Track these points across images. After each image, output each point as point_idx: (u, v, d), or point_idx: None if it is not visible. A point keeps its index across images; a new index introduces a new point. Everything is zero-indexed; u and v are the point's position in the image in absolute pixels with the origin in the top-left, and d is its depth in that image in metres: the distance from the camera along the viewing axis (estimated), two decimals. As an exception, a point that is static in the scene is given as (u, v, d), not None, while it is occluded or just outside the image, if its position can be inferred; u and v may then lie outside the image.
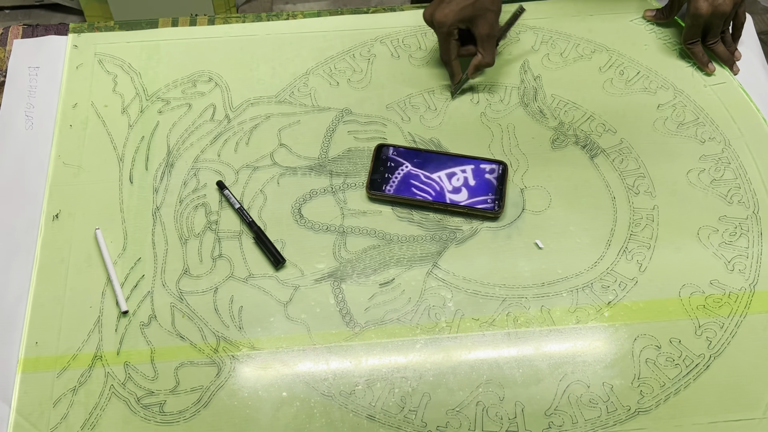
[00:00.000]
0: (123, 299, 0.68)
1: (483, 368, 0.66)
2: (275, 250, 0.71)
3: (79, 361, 0.66)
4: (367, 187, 0.74)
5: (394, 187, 0.74)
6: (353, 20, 0.89)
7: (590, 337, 0.67)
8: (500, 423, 0.63)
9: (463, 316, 0.68)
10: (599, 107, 0.82)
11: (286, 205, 0.75)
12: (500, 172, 0.75)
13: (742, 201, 0.75)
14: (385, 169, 0.75)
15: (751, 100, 0.83)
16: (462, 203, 0.73)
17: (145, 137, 0.79)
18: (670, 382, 0.65)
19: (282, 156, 0.78)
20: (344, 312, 0.69)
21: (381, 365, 0.66)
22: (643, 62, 0.86)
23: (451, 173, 0.75)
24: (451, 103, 0.82)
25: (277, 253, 0.70)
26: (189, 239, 0.73)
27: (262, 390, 0.65)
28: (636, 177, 0.77)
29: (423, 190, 0.74)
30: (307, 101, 0.82)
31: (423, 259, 0.72)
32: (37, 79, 0.84)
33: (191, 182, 0.76)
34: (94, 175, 0.77)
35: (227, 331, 0.68)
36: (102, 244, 0.71)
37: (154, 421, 0.63)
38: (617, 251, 0.72)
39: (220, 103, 0.82)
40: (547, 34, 0.88)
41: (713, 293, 0.70)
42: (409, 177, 0.74)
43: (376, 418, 0.64)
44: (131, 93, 0.82)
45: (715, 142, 0.79)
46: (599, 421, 0.63)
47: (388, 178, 0.74)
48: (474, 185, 0.74)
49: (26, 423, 0.63)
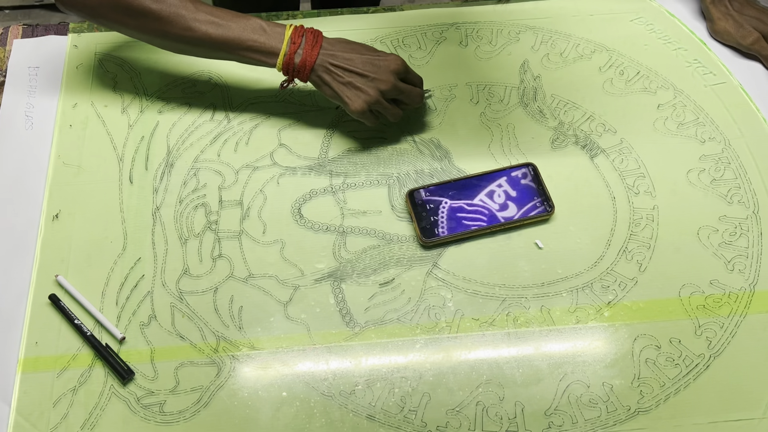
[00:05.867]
0: (115, 329, 0.67)
1: (483, 368, 0.66)
2: (118, 365, 0.65)
3: (79, 361, 0.66)
4: (420, 237, 0.71)
5: (445, 227, 0.72)
6: (353, 20, 0.89)
7: (590, 337, 0.67)
8: (500, 423, 0.63)
9: (463, 316, 0.68)
10: (599, 107, 0.82)
11: (286, 205, 0.75)
12: (533, 174, 0.75)
13: (742, 201, 0.75)
14: (427, 213, 0.73)
15: (751, 100, 0.83)
16: (516, 217, 0.72)
17: (145, 137, 0.79)
18: (670, 382, 0.65)
19: (282, 156, 0.78)
20: (344, 312, 0.69)
21: (381, 365, 0.66)
22: (643, 62, 0.86)
23: (490, 192, 0.74)
24: (451, 103, 0.82)
25: (120, 368, 0.65)
26: (189, 239, 0.73)
27: (262, 390, 0.65)
28: (636, 177, 0.77)
29: (473, 219, 0.72)
30: (307, 101, 0.82)
31: (423, 259, 0.72)
32: (37, 79, 0.84)
33: (191, 182, 0.76)
34: (94, 175, 0.77)
35: (227, 331, 0.68)
36: (70, 287, 0.69)
37: (154, 421, 0.63)
38: (617, 251, 0.72)
39: (220, 103, 0.82)
40: (547, 34, 0.88)
41: (713, 293, 0.70)
42: (453, 212, 0.73)
43: (376, 418, 0.64)
44: (131, 93, 0.82)
45: (715, 142, 0.79)
46: (599, 421, 0.63)
47: (435, 221, 0.72)
48: (516, 195, 0.74)
49: (26, 423, 0.63)
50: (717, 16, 0.87)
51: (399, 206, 0.75)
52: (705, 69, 0.85)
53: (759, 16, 0.86)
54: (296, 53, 0.71)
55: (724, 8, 0.87)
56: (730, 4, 0.87)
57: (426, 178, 0.77)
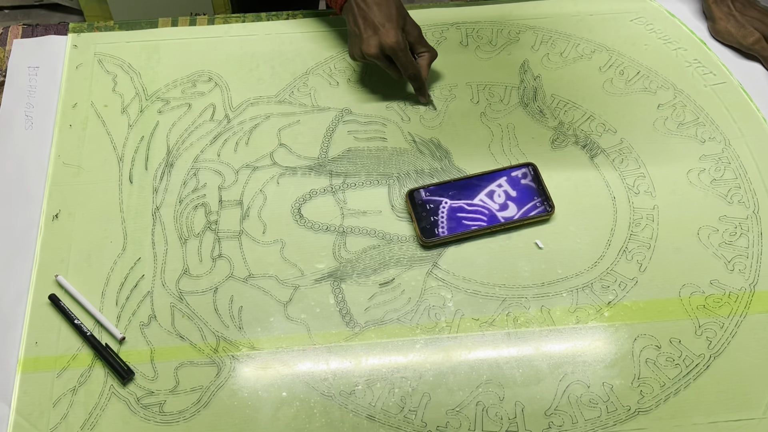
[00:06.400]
0: (115, 329, 0.67)
1: (483, 368, 0.66)
2: (118, 365, 0.65)
3: (79, 361, 0.66)
4: (420, 237, 0.71)
5: (445, 227, 0.72)
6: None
7: (590, 337, 0.67)
8: (500, 423, 0.63)
9: (463, 316, 0.68)
10: (599, 107, 0.82)
11: (286, 205, 0.75)
12: (533, 173, 0.75)
13: (742, 201, 0.75)
14: (427, 213, 0.73)
15: (751, 100, 0.83)
16: (516, 217, 0.72)
17: (145, 137, 0.79)
18: (670, 382, 0.65)
19: (282, 156, 0.78)
20: (344, 312, 0.69)
21: (381, 365, 0.66)
22: (643, 62, 0.86)
23: (490, 192, 0.74)
24: (451, 102, 0.82)
25: (120, 368, 0.65)
26: (189, 239, 0.73)
27: (262, 390, 0.65)
28: (636, 177, 0.77)
29: (473, 219, 0.72)
30: (307, 101, 0.82)
31: (423, 259, 0.72)
32: (37, 78, 0.84)
33: (191, 182, 0.76)
34: (94, 175, 0.77)
35: (227, 331, 0.68)
36: (70, 287, 0.69)
37: (153, 421, 0.63)
38: (617, 251, 0.72)
39: (220, 103, 0.82)
40: (547, 34, 0.88)
41: (713, 293, 0.69)
42: (453, 212, 0.73)
43: (376, 418, 0.64)
44: (131, 93, 0.82)
45: (715, 142, 0.79)
46: (599, 421, 0.63)
47: (435, 221, 0.72)
48: (516, 195, 0.74)
49: (26, 423, 0.63)
50: (719, 16, 0.87)
51: (399, 206, 0.75)
52: (705, 69, 0.85)
53: (760, 17, 0.86)
54: None
55: (726, 8, 0.87)
56: (732, 4, 0.87)
57: (426, 178, 0.77)
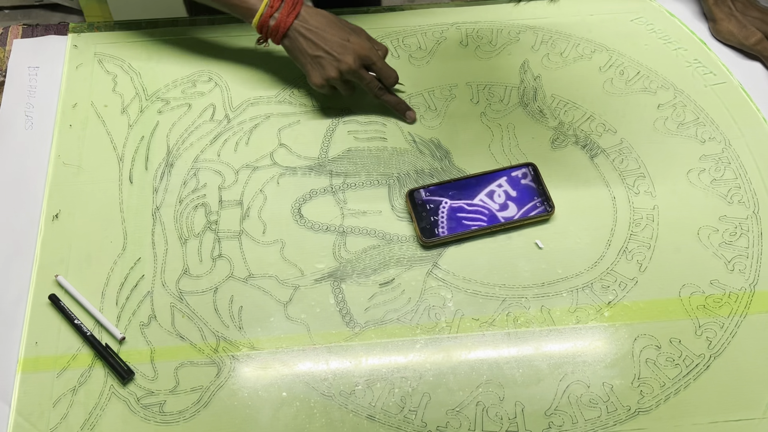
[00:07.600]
0: (115, 329, 0.67)
1: (483, 368, 0.66)
2: (118, 365, 0.65)
3: (79, 361, 0.66)
4: (420, 237, 0.71)
5: (445, 227, 0.72)
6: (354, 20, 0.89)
7: (590, 337, 0.67)
8: (500, 423, 0.63)
9: (463, 316, 0.68)
10: (599, 107, 0.82)
11: (286, 205, 0.75)
12: (533, 173, 0.75)
13: (742, 201, 0.75)
14: (427, 213, 0.73)
15: (751, 100, 0.83)
16: (516, 217, 0.72)
17: (145, 137, 0.79)
18: (670, 382, 0.65)
19: (282, 156, 0.78)
20: (344, 312, 0.69)
21: (381, 365, 0.66)
22: (643, 62, 0.86)
23: (490, 192, 0.74)
24: (451, 102, 0.82)
25: (120, 368, 0.65)
26: (189, 239, 0.73)
27: (262, 390, 0.65)
28: (636, 177, 0.77)
29: (473, 219, 0.72)
30: (307, 101, 0.82)
31: (423, 259, 0.71)
32: (37, 79, 0.84)
33: (191, 182, 0.76)
34: (94, 175, 0.77)
35: (227, 331, 0.68)
36: (70, 287, 0.69)
37: (153, 421, 0.63)
38: (617, 251, 0.72)
39: (220, 103, 0.82)
40: (547, 34, 0.88)
41: (713, 293, 0.69)
42: (453, 212, 0.73)
43: (376, 418, 0.64)
44: (131, 93, 0.82)
45: (715, 142, 0.79)
46: (599, 421, 0.63)
47: (435, 221, 0.72)
48: (517, 195, 0.74)
49: (26, 423, 0.63)
50: (720, 17, 0.87)
51: (399, 206, 0.75)
52: (705, 69, 0.85)
53: (762, 17, 0.86)
54: (272, 16, 0.75)
55: (728, 9, 0.87)
56: (732, 5, 0.87)
57: (426, 178, 0.77)
